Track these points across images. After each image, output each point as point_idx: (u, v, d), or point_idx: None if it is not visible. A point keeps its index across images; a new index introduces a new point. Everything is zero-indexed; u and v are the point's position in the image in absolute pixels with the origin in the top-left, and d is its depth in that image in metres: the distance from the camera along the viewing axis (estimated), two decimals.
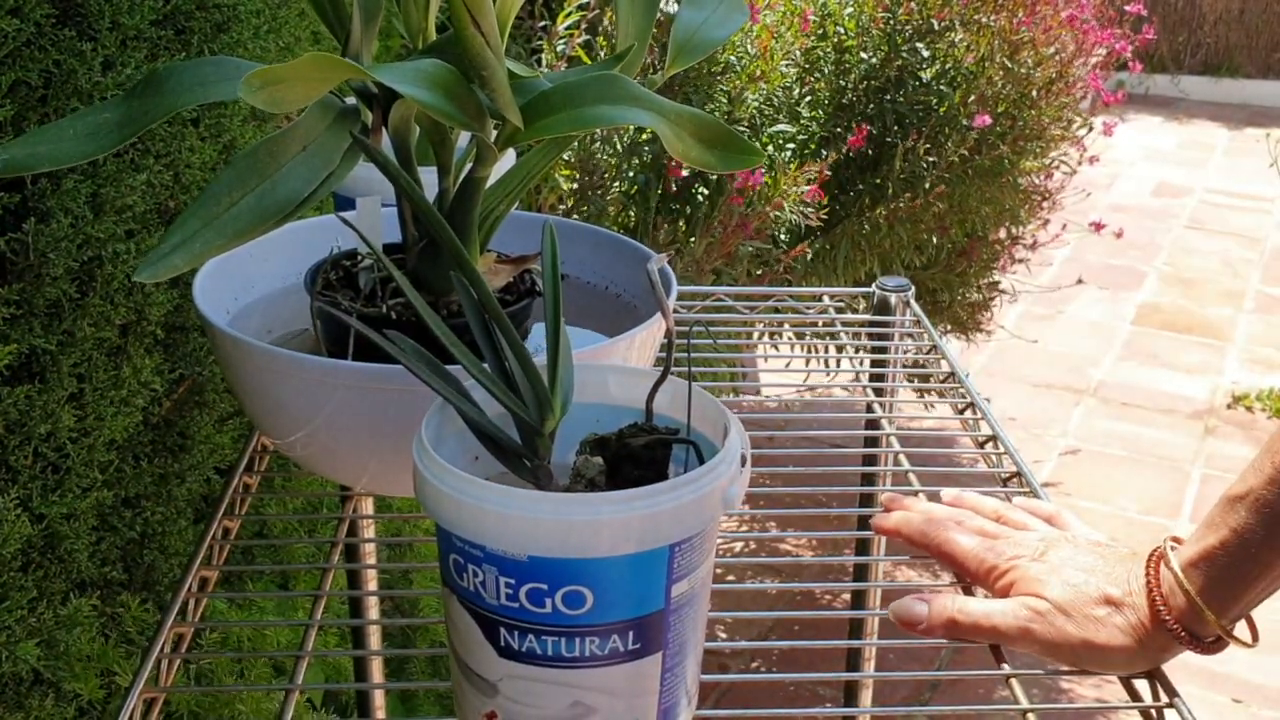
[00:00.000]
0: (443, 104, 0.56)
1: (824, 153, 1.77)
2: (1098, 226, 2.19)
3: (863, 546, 1.08)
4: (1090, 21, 1.92)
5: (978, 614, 0.66)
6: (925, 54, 1.80)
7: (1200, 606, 0.62)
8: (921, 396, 1.19)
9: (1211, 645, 0.63)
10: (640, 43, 0.67)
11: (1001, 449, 0.87)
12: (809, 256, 1.77)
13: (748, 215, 1.57)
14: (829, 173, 1.63)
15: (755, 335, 1.80)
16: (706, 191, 1.69)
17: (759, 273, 1.69)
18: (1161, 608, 0.63)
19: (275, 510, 1.07)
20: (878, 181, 1.82)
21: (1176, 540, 0.65)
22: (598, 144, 1.64)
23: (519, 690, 0.51)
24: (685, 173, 1.64)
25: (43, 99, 0.76)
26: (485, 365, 0.54)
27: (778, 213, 1.57)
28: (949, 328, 2.20)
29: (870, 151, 1.79)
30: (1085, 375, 3.05)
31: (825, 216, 1.67)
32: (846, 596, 2.05)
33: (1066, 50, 1.87)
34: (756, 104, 1.72)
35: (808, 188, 1.57)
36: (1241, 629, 0.63)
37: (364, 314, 0.67)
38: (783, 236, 1.68)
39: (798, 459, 0.87)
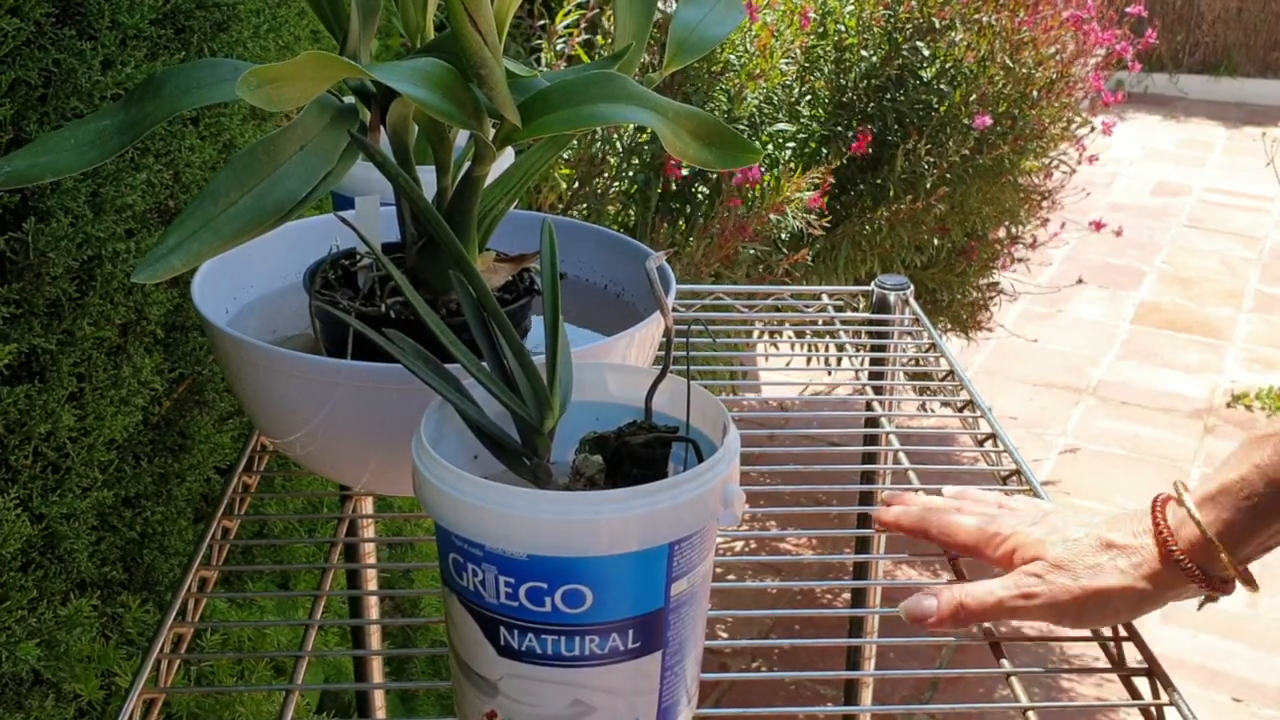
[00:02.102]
0: (441, 103, 0.56)
1: (824, 152, 1.77)
2: (1097, 225, 2.20)
3: (863, 545, 1.08)
4: (1092, 22, 1.92)
5: (981, 593, 0.66)
6: (926, 53, 1.80)
7: (1212, 540, 0.61)
8: (921, 395, 1.19)
9: (1221, 585, 0.62)
10: (638, 41, 0.67)
11: (1001, 447, 0.87)
12: (810, 257, 1.77)
13: (746, 218, 1.57)
14: (830, 179, 1.63)
15: (755, 334, 1.80)
16: (706, 191, 1.69)
17: (759, 271, 1.69)
18: (1170, 540, 0.62)
19: (275, 510, 1.07)
20: (878, 182, 1.82)
21: (1183, 485, 0.64)
22: (597, 143, 1.64)
23: (519, 689, 0.51)
24: (684, 172, 1.64)
25: (42, 98, 0.76)
26: (484, 364, 0.54)
27: (778, 216, 1.57)
28: (949, 326, 2.20)
29: (871, 151, 1.79)
30: (1084, 374, 3.05)
31: (825, 224, 1.67)
32: (847, 595, 2.05)
33: (1066, 50, 1.87)
34: (756, 102, 1.72)
35: (810, 194, 1.57)
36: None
37: (363, 313, 0.67)
38: (783, 236, 1.68)
39: (797, 457, 0.87)
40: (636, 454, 0.54)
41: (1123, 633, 0.68)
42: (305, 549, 1.18)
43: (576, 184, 1.63)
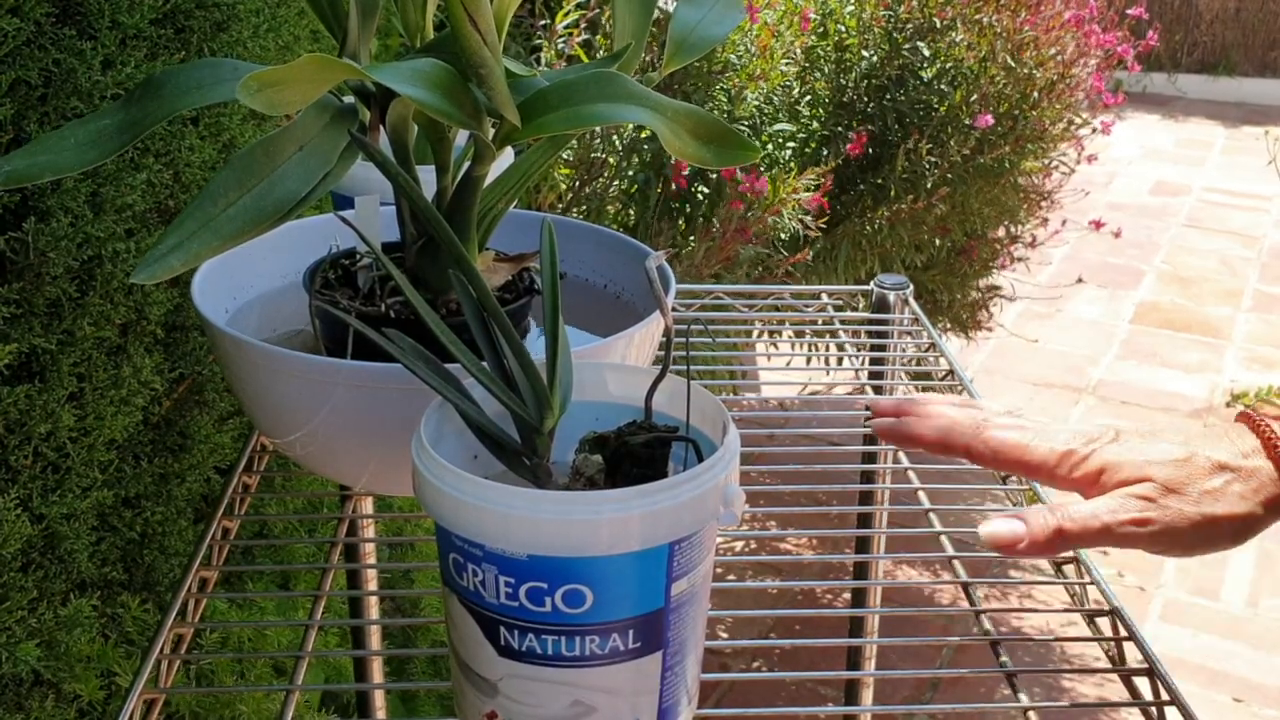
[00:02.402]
0: (440, 103, 0.56)
1: (824, 151, 1.77)
2: (1096, 225, 2.20)
3: (863, 545, 1.08)
4: (1092, 24, 1.92)
5: (1084, 516, 0.59)
6: (926, 53, 1.80)
7: None
8: (921, 394, 1.19)
9: None
10: (637, 41, 0.67)
11: None
12: (810, 258, 1.77)
13: (747, 219, 1.57)
14: (829, 180, 1.63)
15: (754, 334, 1.80)
16: (706, 190, 1.69)
17: (758, 273, 1.69)
18: None
19: (275, 510, 1.07)
20: (879, 182, 1.82)
21: (1261, 404, 0.61)
22: (597, 142, 1.64)
23: (519, 690, 0.51)
24: (686, 173, 1.64)
25: (43, 98, 0.76)
26: (484, 363, 0.54)
27: (775, 218, 1.57)
28: (949, 326, 2.20)
29: (871, 151, 1.79)
30: (1084, 374, 3.05)
31: (824, 224, 1.67)
32: (847, 595, 2.05)
33: (1067, 51, 1.87)
34: (756, 103, 1.72)
35: (808, 195, 1.57)
36: None
37: (363, 313, 0.67)
38: (782, 237, 1.68)
39: (797, 457, 0.87)
40: (636, 454, 0.53)
41: (1123, 632, 0.68)
42: (305, 549, 1.18)
43: (577, 184, 1.63)
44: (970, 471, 0.85)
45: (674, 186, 1.64)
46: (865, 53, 1.81)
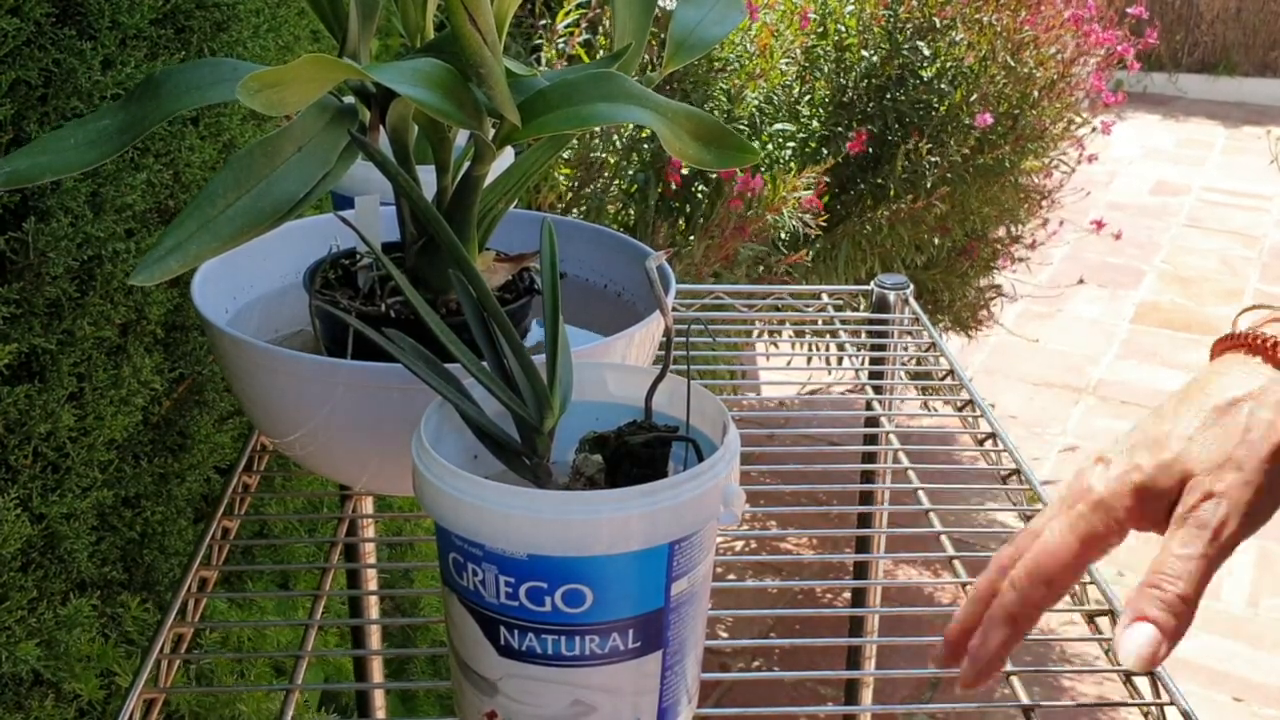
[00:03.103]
0: (440, 103, 0.56)
1: (823, 151, 1.77)
2: (1097, 225, 2.20)
3: (863, 544, 1.08)
4: (1092, 22, 1.92)
5: (1181, 569, 0.51)
6: (926, 52, 1.80)
7: None
8: (921, 394, 1.19)
9: None
10: (637, 41, 0.67)
11: (1001, 446, 0.87)
12: (810, 257, 1.77)
13: (746, 218, 1.57)
14: (828, 179, 1.63)
15: (754, 334, 1.80)
16: (706, 190, 1.69)
17: (759, 272, 1.69)
18: None
19: (275, 510, 1.07)
20: (879, 181, 1.82)
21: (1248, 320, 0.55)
22: (597, 141, 1.64)
23: (519, 689, 0.51)
24: (684, 172, 1.64)
25: (43, 98, 0.76)
26: (484, 363, 0.54)
27: (776, 217, 1.57)
28: (949, 326, 2.20)
29: (871, 150, 1.79)
30: (1084, 373, 3.05)
31: (824, 223, 1.67)
32: (847, 594, 2.05)
33: (1067, 50, 1.87)
34: (756, 102, 1.72)
35: (807, 193, 1.57)
36: None
37: (363, 313, 0.67)
38: (782, 236, 1.68)
39: (798, 457, 0.87)
40: (636, 454, 0.54)
41: None
42: (305, 549, 1.18)
43: (576, 184, 1.63)
44: (970, 472, 0.86)
45: (670, 185, 1.64)
46: (865, 52, 1.81)
